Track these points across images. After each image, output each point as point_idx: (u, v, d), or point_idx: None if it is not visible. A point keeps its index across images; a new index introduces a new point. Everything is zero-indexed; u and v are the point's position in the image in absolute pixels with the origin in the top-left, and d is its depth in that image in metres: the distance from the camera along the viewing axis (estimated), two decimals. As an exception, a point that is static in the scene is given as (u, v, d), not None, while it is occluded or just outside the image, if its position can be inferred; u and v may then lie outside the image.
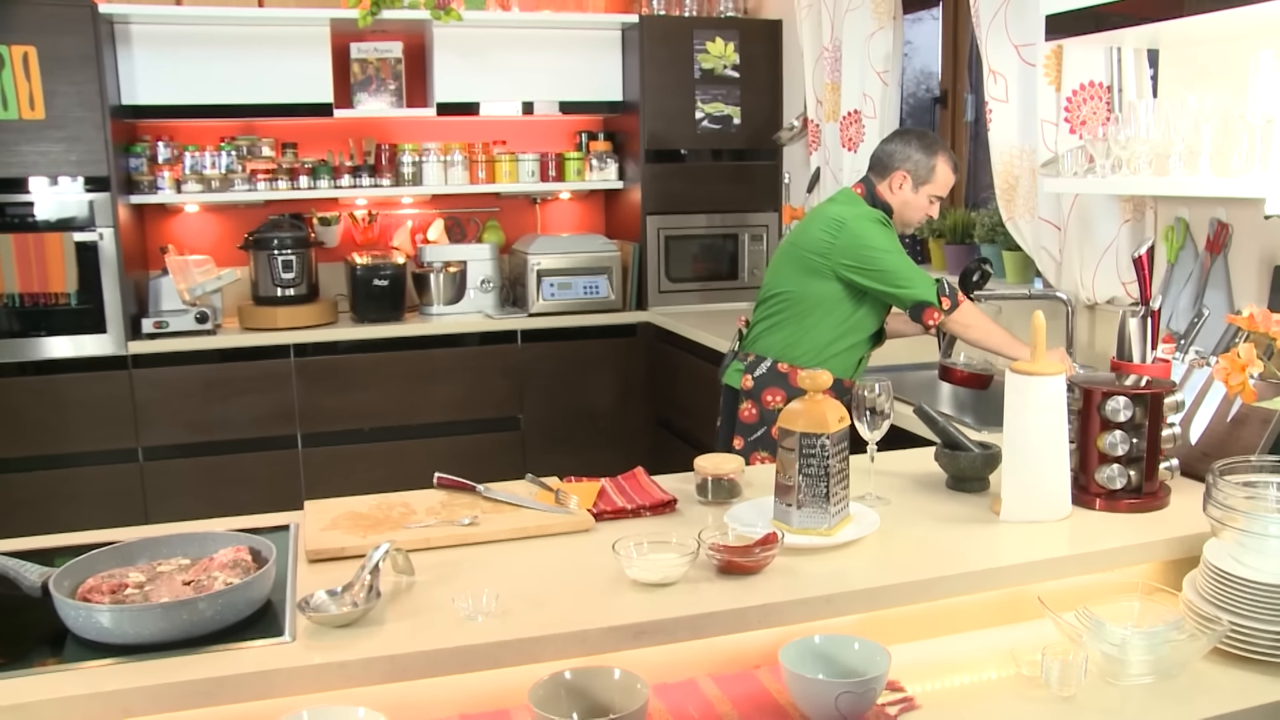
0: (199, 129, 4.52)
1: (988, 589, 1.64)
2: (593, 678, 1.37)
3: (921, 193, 2.70)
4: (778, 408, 2.79)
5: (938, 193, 2.71)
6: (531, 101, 4.62)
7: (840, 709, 1.37)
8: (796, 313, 2.77)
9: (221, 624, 1.43)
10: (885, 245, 2.66)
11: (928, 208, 2.73)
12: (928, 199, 2.71)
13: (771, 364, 2.81)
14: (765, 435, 2.82)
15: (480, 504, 1.91)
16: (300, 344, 4.27)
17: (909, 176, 2.69)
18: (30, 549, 1.74)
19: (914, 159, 2.67)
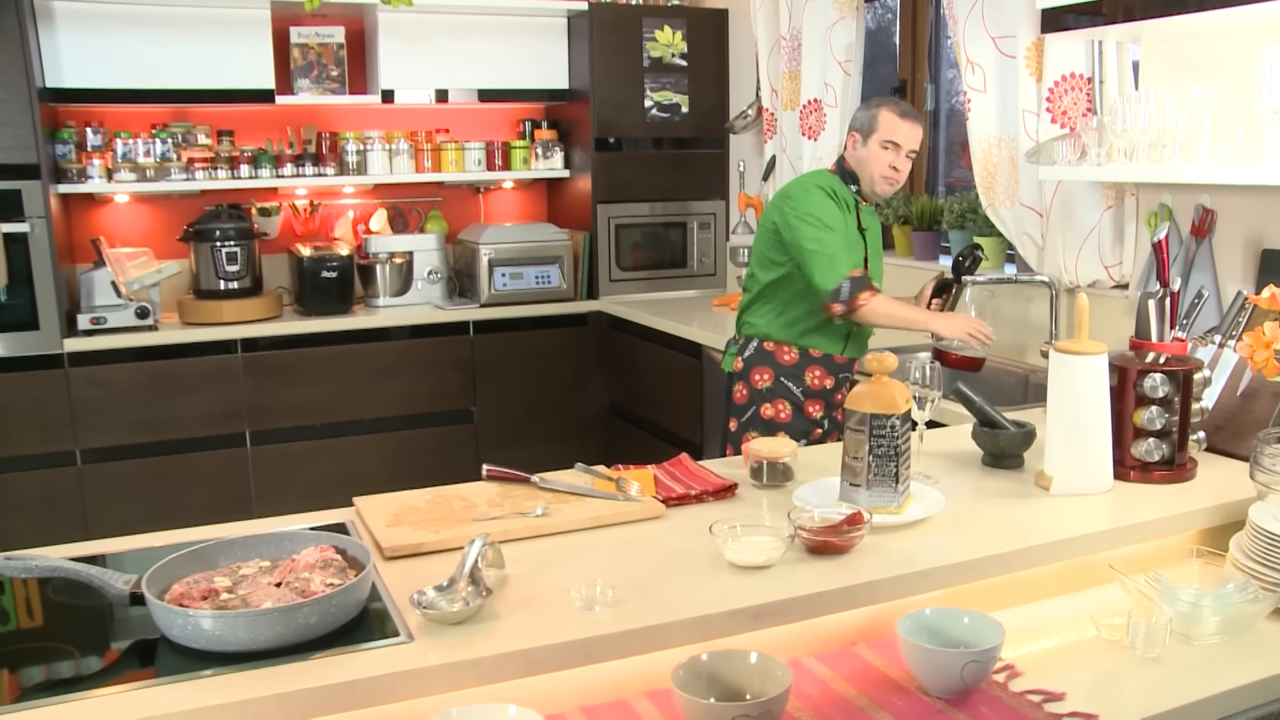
0: (127, 115, 4.29)
1: (1063, 558, 1.71)
2: (728, 661, 1.37)
3: (871, 144, 2.70)
4: (766, 386, 2.84)
5: (887, 137, 2.68)
6: (477, 89, 4.54)
7: (964, 678, 1.41)
8: (772, 290, 2.82)
9: (331, 626, 1.38)
10: (817, 216, 2.68)
11: (882, 156, 2.69)
12: (879, 147, 2.69)
13: (758, 344, 2.86)
14: (755, 415, 2.86)
15: (539, 495, 1.89)
16: (248, 338, 4.11)
17: (857, 133, 2.73)
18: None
19: (859, 118, 2.74)
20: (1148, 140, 2.33)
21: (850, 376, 2.90)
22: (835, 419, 2.89)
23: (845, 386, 2.89)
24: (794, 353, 2.82)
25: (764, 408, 2.85)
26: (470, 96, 4.55)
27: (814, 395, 2.84)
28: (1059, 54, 2.75)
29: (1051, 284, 2.86)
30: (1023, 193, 2.91)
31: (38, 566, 1.44)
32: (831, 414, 2.88)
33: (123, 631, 1.48)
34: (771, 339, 2.84)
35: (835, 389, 2.87)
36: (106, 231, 4.33)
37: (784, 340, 2.83)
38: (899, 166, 2.73)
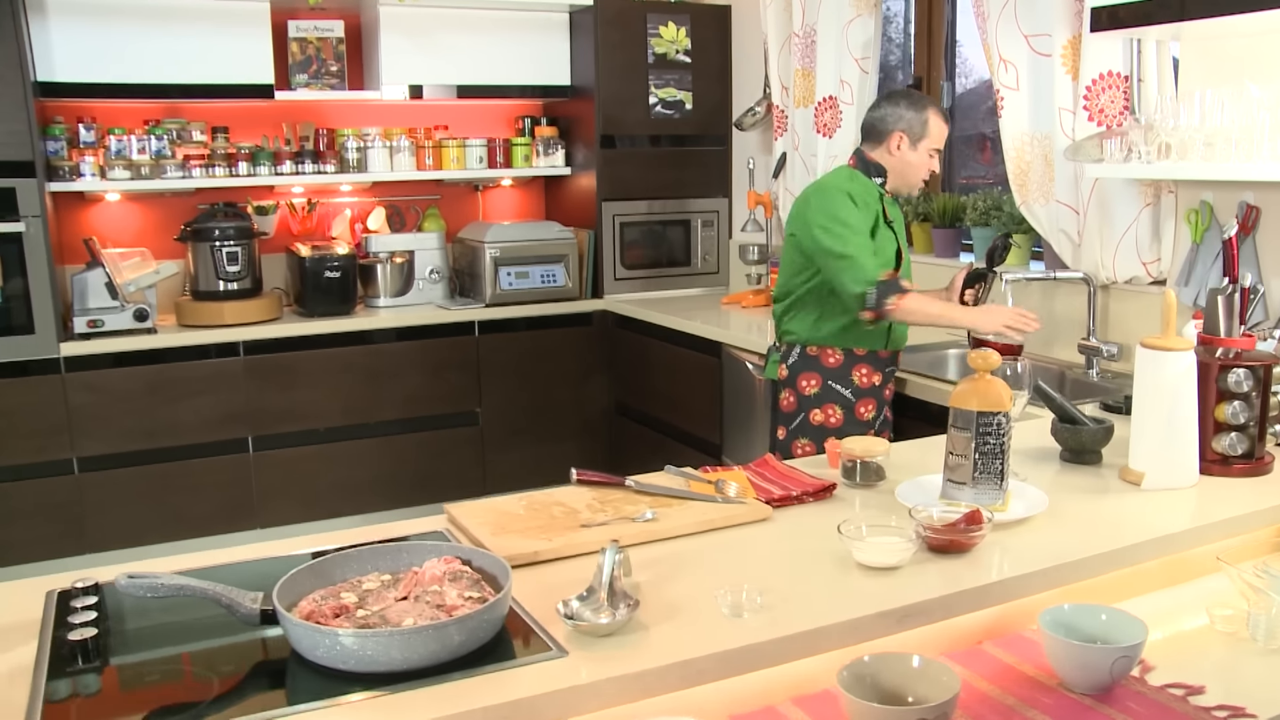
0: (118, 110, 4.15)
1: (1173, 552, 1.72)
2: (889, 664, 1.35)
3: (920, 149, 2.72)
4: (814, 392, 2.82)
5: (935, 146, 2.73)
6: (479, 85, 4.48)
7: (1113, 674, 1.42)
8: (809, 293, 2.80)
9: (479, 643, 1.34)
10: (841, 220, 2.65)
11: (928, 163, 2.75)
12: (927, 154, 2.73)
13: (801, 349, 2.84)
14: (804, 422, 2.84)
15: (636, 498, 1.86)
16: (250, 341, 4.01)
17: (905, 135, 2.71)
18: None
19: (906, 117, 2.71)
20: (1202, 138, 2.36)
21: (897, 370, 2.89)
22: (887, 418, 2.87)
23: (893, 381, 2.89)
24: (838, 354, 2.80)
25: (814, 414, 2.82)
26: (471, 93, 4.48)
27: (865, 394, 2.81)
28: (1097, 52, 2.78)
29: (1089, 280, 2.89)
30: (1058, 190, 2.94)
31: (164, 586, 1.37)
32: (884, 413, 2.86)
33: (246, 651, 1.42)
34: (815, 343, 2.81)
35: (884, 384, 2.85)
36: (97, 231, 4.20)
37: (828, 343, 2.80)
38: (935, 168, 2.80)
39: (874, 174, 2.77)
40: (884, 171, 2.77)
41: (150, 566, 1.64)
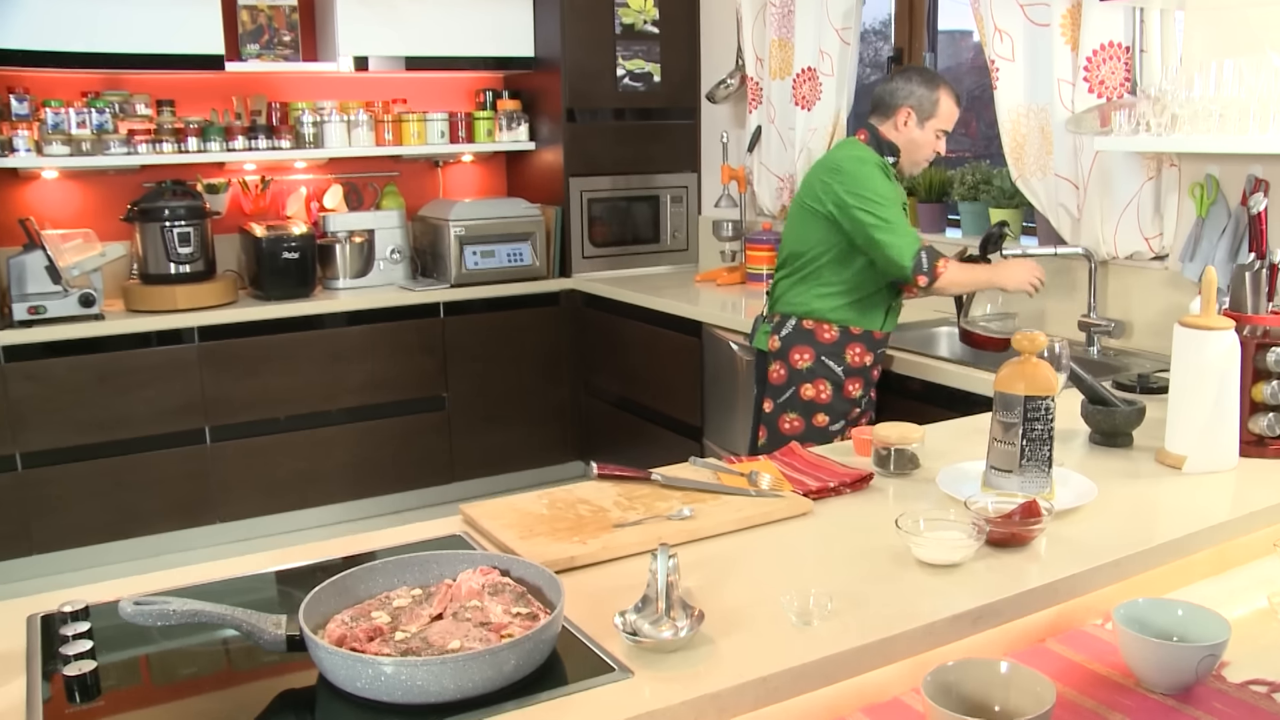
0: (54, 80, 3.88)
1: (1230, 539, 1.66)
2: (972, 670, 1.26)
3: (928, 128, 2.67)
4: (806, 366, 2.74)
5: (943, 127, 2.69)
6: (432, 56, 4.29)
7: (1199, 674, 1.34)
8: (814, 267, 2.73)
9: (534, 666, 1.21)
10: (878, 194, 2.60)
11: (935, 143, 2.70)
12: (934, 134, 2.69)
13: (796, 322, 2.75)
14: (794, 396, 2.76)
15: (666, 494, 1.74)
16: (204, 326, 3.80)
17: (914, 112, 2.66)
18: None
19: (917, 94, 2.65)
20: (1218, 109, 2.30)
21: (885, 351, 2.84)
22: (871, 398, 2.82)
23: (882, 364, 2.83)
24: (834, 330, 2.73)
25: (804, 388, 2.75)
26: (424, 64, 4.29)
27: (854, 373, 2.76)
28: (1097, 22, 2.71)
29: (1089, 255, 2.84)
30: (1056, 163, 2.88)
31: (176, 613, 1.22)
32: (869, 393, 2.81)
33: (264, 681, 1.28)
34: (812, 317, 2.74)
35: (873, 365, 2.79)
36: (34, 211, 3.93)
37: (826, 318, 2.73)
38: (941, 149, 2.75)
39: (886, 151, 2.71)
40: (896, 150, 2.71)
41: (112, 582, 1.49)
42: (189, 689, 1.26)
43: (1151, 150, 2.62)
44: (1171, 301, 2.74)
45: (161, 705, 1.23)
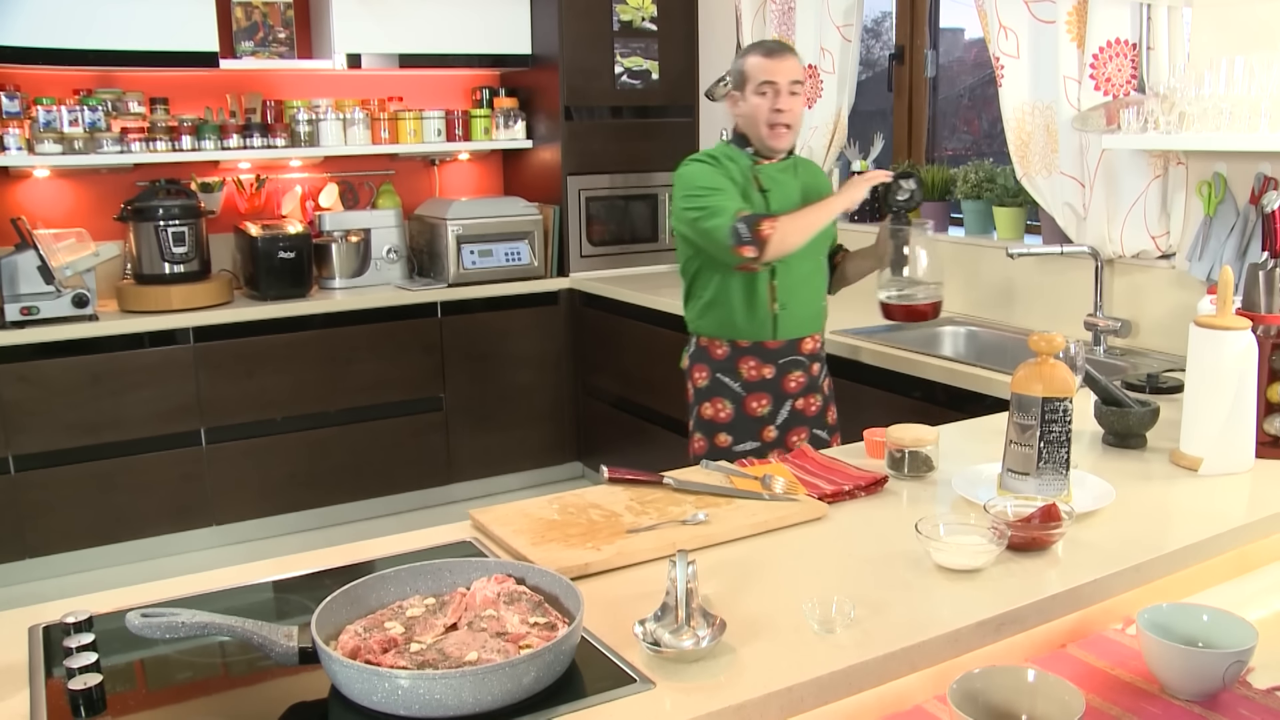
0: (45, 78, 3.84)
1: (1249, 541, 1.64)
2: (998, 678, 1.24)
3: (747, 94, 2.47)
4: (704, 385, 2.61)
5: (759, 80, 2.44)
6: (428, 54, 4.25)
7: (1226, 680, 1.32)
8: (689, 284, 2.60)
9: (553, 678, 1.19)
10: (699, 186, 2.44)
11: (761, 103, 2.44)
12: (756, 95, 2.45)
13: (695, 340, 2.64)
14: (697, 416, 2.64)
15: (678, 498, 1.72)
16: (200, 327, 3.76)
17: (734, 90, 2.52)
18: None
19: (732, 73, 2.54)
20: (1228, 107, 2.28)
21: (800, 360, 2.59)
22: (798, 410, 2.60)
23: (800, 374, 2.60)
24: (725, 346, 2.57)
25: (704, 407, 2.62)
26: (419, 62, 4.25)
27: (755, 388, 2.57)
28: (1104, 19, 2.69)
29: (1095, 254, 2.82)
30: (1062, 161, 2.86)
31: (185, 625, 1.19)
32: (786, 406, 2.59)
33: (275, 693, 1.24)
34: (704, 334, 2.61)
35: (779, 378, 2.57)
36: (26, 210, 3.89)
37: (713, 334, 2.58)
38: (783, 106, 2.46)
39: (741, 144, 2.54)
40: (749, 140, 2.52)
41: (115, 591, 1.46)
42: (197, 703, 1.23)
43: (1159, 148, 2.60)
44: (1179, 301, 2.73)
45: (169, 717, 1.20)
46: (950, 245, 3.40)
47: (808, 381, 2.62)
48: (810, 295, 2.58)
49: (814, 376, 2.64)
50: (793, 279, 2.52)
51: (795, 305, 2.53)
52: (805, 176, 2.59)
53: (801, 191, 2.54)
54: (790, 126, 2.49)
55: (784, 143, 2.50)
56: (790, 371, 2.58)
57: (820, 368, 2.66)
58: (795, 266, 2.51)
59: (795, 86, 2.47)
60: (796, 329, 2.56)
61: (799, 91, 2.48)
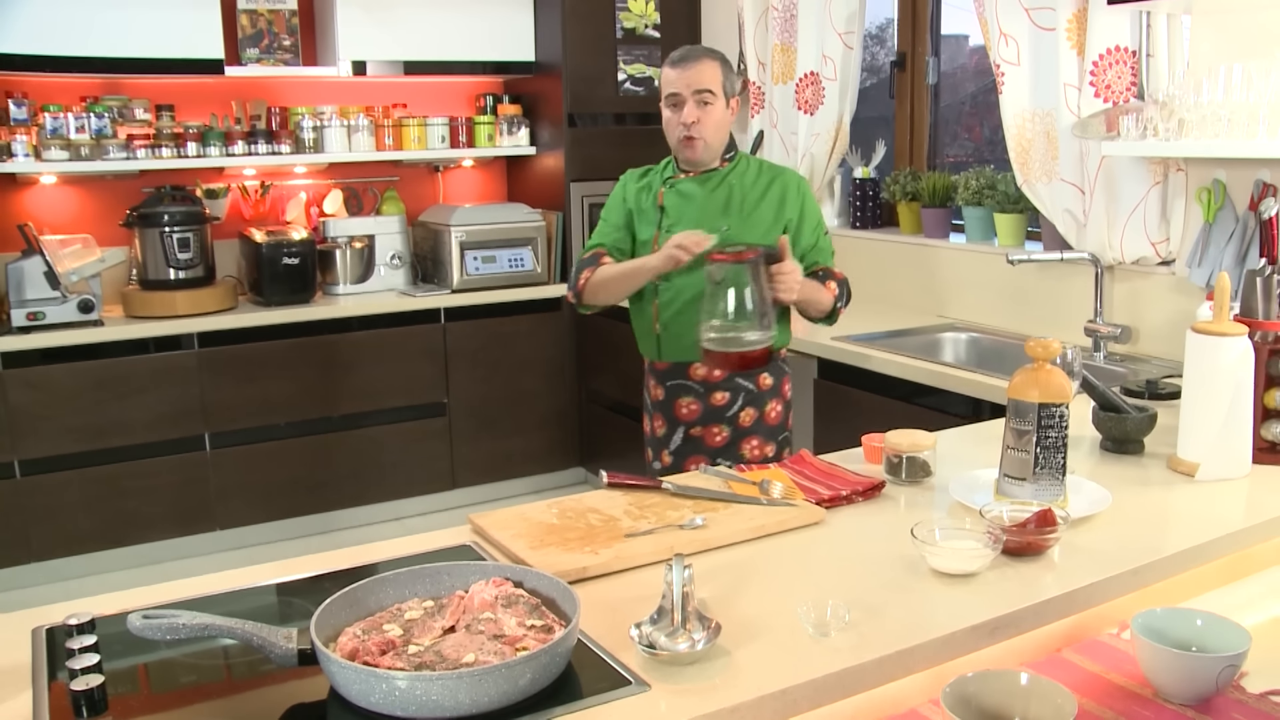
0: (53, 85, 3.87)
1: (1245, 547, 1.65)
2: (991, 681, 1.24)
3: (664, 109, 2.37)
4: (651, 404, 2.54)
5: (667, 93, 2.34)
6: (434, 61, 4.27)
7: (1219, 684, 1.33)
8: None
9: (549, 679, 1.20)
10: (602, 217, 2.48)
11: (669, 117, 2.35)
12: (667, 109, 2.36)
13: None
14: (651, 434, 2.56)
15: (676, 502, 1.73)
16: (204, 332, 3.78)
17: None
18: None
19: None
20: (1226, 114, 2.29)
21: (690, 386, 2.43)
22: (691, 436, 2.45)
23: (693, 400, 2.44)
24: (646, 362, 2.54)
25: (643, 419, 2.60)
26: (425, 69, 4.28)
27: (654, 409, 2.51)
28: (1104, 27, 2.70)
29: (1095, 261, 2.83)
30: (1062, 168, 2.86)
31: (185, 627, 1.20)
32: (679, 432, 2.46)
33: (274, 694, 1.26)
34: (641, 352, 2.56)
35: (669, 400, 2.46)
36: (33, 216, 3.91)
37: (644, 354, 2.54)
38: (689, 119, 2.31)
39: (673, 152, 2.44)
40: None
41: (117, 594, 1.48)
42: (198, 703, 1.24)
43: (1159, 155, 2.61)
44: (1178, 307, 2.73)
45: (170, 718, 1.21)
46: (951, 251, 3.41)
47: (705, 410, 2.43)
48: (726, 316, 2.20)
49: (716, 407, 2.43)
50: (678, 301, 2.36)
51: (678, 328, 2.37)
52: (741, 188, 2.39)
53: (722, 206, 2.37)
54: (702, 138, 2.33)
55: (698, 155, 2.35)
56: (680, 397, 2.45)
57: (732, 399, 2.42)
58: (682, 288, 2.35)
59: (704, 96, 2.31)
60: (682, 353, 2.40)
61: (710, 101, 2.32)
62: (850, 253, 3.80)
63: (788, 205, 2.40)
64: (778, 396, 2.48)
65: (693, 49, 2.37)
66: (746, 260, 2.15)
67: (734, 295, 2.15)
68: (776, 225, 2.38)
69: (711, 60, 2.35)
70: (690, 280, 2.33)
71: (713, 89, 2.32)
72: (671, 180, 2.43)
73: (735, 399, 2.43)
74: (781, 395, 2.50)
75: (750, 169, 2.44)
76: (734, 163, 2.43)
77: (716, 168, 2.41)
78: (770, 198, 2.40)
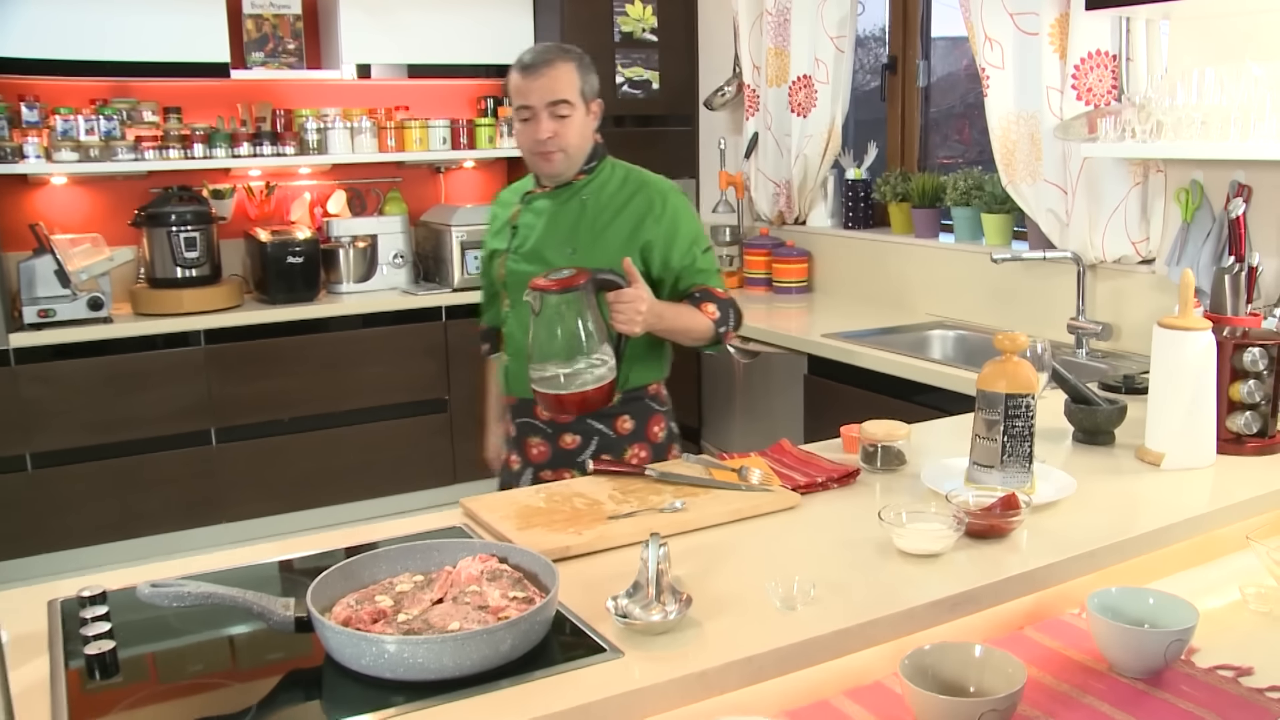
0: (64, 88, 3.96)
1: (1203, 532, 1.72)
2: (948, 653, 1.32)
3: (515, 120, 2.13)
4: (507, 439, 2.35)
5: (516, 103, 2.09)
6: (434, 64, 4.36)
7: (1167, 658, 1.40)
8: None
9: (530, 645, 1.27)
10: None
11: (522, 130, 2.11)
12: (518, 120, 2.11)
13: None
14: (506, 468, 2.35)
15: (659, 488, 1.80)
16: (211, 329, 3.86)
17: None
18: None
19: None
20: (1200, 117, 2.36)
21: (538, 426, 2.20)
22: (542, 479, 2.16)
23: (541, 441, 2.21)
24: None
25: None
26: (426, 72, 4.36)
27: (509, 444, 2.31)
28: (1085, 31, 2.78)
29: (1078, 259, 2.90)
30: (1045, 169, 2.94)
31: (190, 594, 1.28)
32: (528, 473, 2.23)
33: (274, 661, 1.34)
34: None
35: (521, 437, 2.24)
36: (44, 216, 4.00)
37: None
38: (544, 134, 2.06)
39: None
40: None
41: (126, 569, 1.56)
42: (202, 667, 1.32)
43: (1136, 156, 2.68)
44: (1159, 304, 2.80)
45: (176, 682, 1.29)
46: (940, 250, 3.48)
47: (554, 454, 2.20)
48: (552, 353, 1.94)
49: (565, 450, 2.18)
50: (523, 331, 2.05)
51: (519, 364, 2.11)
52: (595, 204, 2.15)
53: (571, 225, 2.13)
54: (561, 150, 2.09)
55: (557, 168, 2.11)
56: (529, 435, 2.22)
57: (583, 443, 2.18)
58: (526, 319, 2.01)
59: (559, 109, 2.06)
60: (525, 389, 2.08)
61: (568, 113, 2.06)
62: (842, 252, 3.88)
63: (647, 224, 2.13)
64: (641, 441, 2.20)
65: (543, 52, 2.09)
66: (574, 287, 1.88)
67: (561, 329, 1.89)
68: (630, 246, 2.10)
69: (565, 63, 2.08)
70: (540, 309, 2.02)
71: (568, 98, 2.06)
72: (529, 195, 2.21)
73: (587, 443, 2.18)
74: (648, 438, 2.22)
75: (612, 180, 2.18)
76: (593, 174, 2.17)
77: (572, 180, 2.16)
78: (627, 215, 2.13)
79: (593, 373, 1.92)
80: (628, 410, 2.20)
